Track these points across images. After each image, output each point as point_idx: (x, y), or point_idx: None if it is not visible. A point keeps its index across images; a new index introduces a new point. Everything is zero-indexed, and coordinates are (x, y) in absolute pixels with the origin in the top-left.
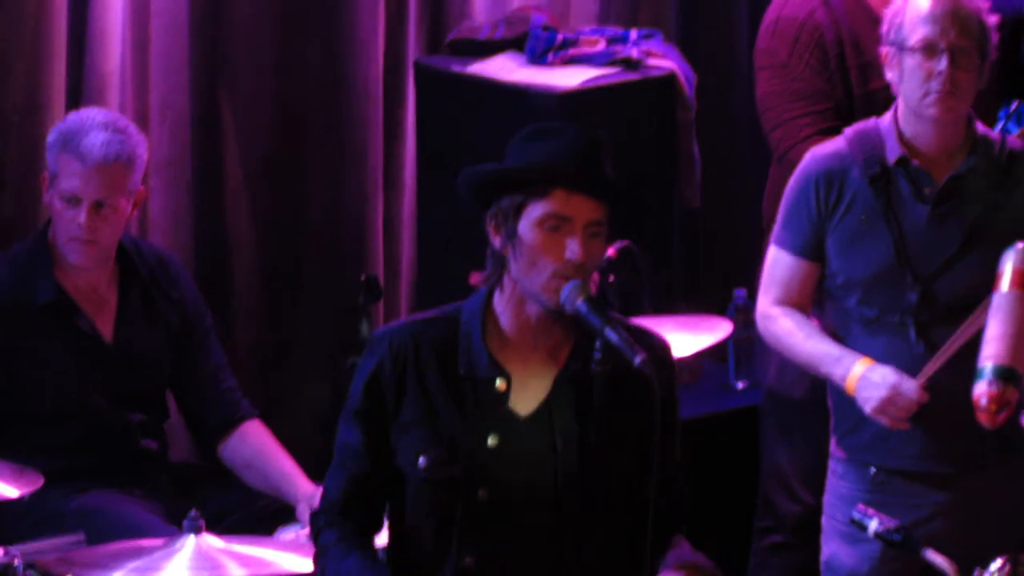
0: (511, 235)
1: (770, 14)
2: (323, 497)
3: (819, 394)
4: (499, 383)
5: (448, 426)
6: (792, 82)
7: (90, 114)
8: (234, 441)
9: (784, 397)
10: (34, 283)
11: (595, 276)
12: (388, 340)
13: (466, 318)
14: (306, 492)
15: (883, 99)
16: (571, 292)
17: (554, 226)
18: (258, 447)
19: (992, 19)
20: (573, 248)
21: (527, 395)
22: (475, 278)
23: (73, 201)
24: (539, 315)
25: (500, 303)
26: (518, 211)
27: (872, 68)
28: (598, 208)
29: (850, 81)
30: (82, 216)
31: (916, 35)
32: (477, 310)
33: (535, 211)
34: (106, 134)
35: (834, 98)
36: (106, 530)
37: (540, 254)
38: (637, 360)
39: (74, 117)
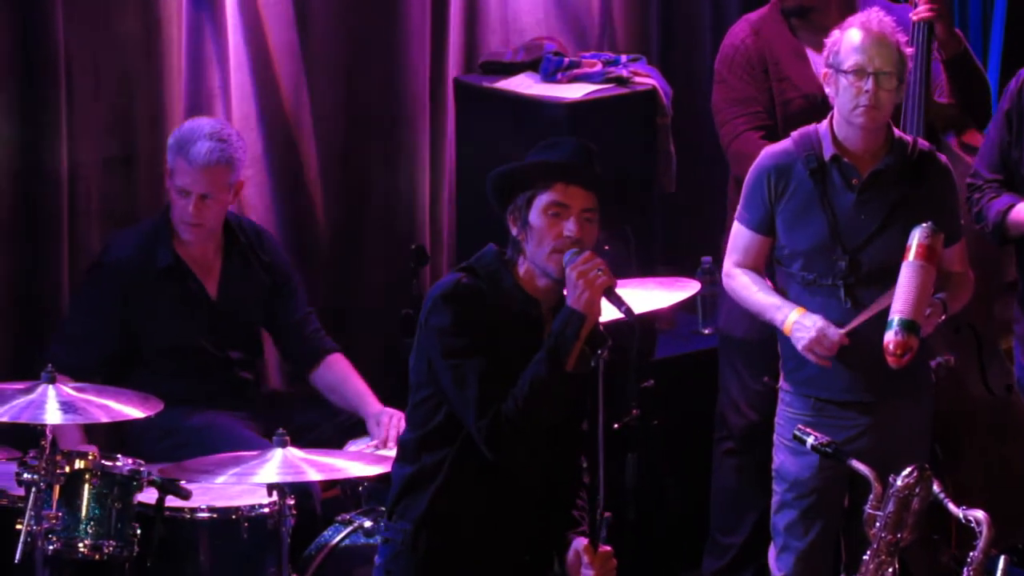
0: (525, 223)
1: (721, 43)
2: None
3: (756, 335)
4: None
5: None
6: (730, 91)
7: (200, 123)
8: (321, 370)
9: (730, 336)
10: (156, 251)
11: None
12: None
13: (484, 272)
14: (375, 411)
15: (797, 107)
16: (570, 254)
17: (556, 212)
18: (340, 375)
19: (909, 51)
20: (570, 227)
21: None
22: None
23: (184, 193)
24: (547, 286)
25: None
26: (529, 203)
27: (788, 83)
28: (590, 198)
29: (772, 91)
30: (190, 206)
31: (849, 61)
32: (497, 268)
33: (541, 201)
34: (211, 143)
35: (762, 103)
36: (213, 442)
37: (545, 234)
38: (622, 310)
39: (188, 125)
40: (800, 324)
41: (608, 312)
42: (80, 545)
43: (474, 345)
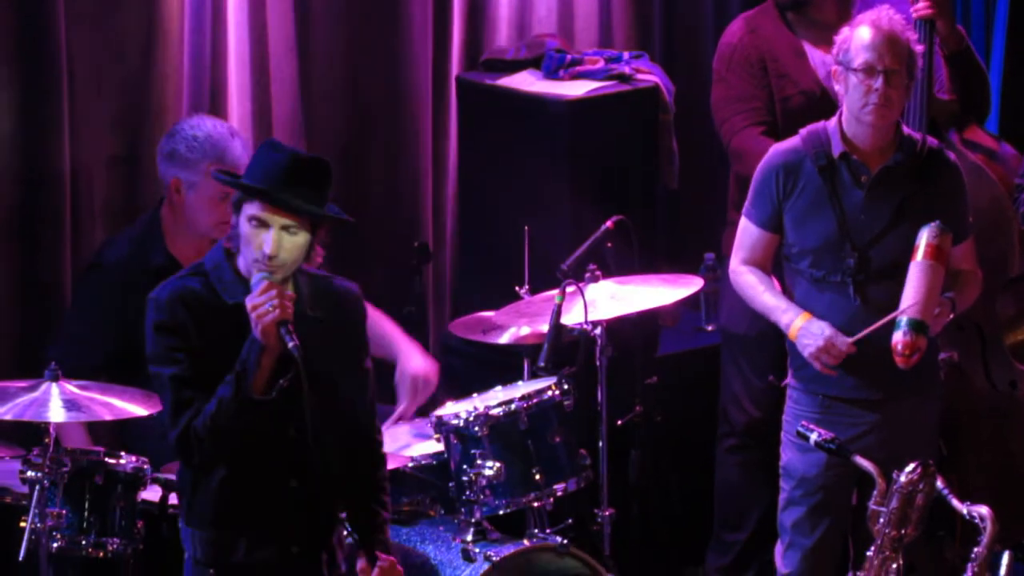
0: (238, 221)
1: (719, 41)
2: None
3: (758, 331)
4: None
5: None
6: (729, 89)
7: (213, 126)
8: None
9: (732, 333)
10: (149, 251)
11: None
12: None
13: (209, 267)
14: (411, 369)
15: (796, 103)
16: (257, 279)
17: (257, 224)
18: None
19: (919, 48)
20: (267, 245)
21: None
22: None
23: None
24: None
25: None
26: (238, 207)
27: (787, 80)
28: (291, 216)
29: (771, 88)
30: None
31: (859, 59)
32: (220, 260)
33: (246, 210)
34: (239, 139)
35: (762, 99)
36: None
37: (248, 242)
38: (290, 346)
39: (211, 131)
40: (807, 331)
41: (611, 310)
42: (84, 543)
43: (174, 350)
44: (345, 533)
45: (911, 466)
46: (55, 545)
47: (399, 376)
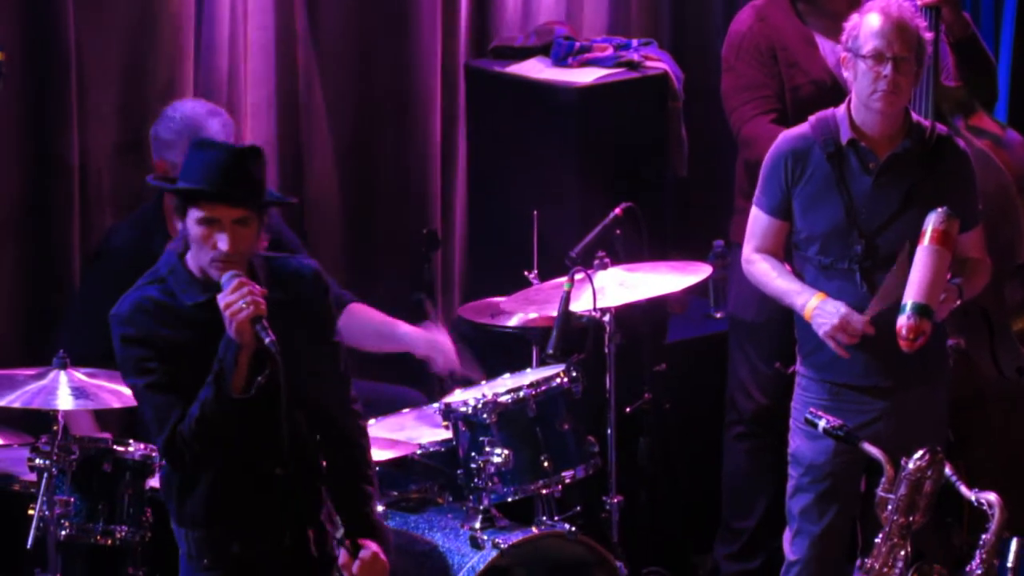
0: (183, 225)
1: (728, 29)
2: None
3: (765, 318)
4: None
5: None
6: (739, 78)
7: (192, 107)
8: (345, 317)
9: (739, 320)
10: (152, 237)
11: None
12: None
13: (165, 272)
14: (422, 338)
15: (806, 93)
16: (227, 278)
17: (207, 225)
18: (365, 317)
19: (928, 36)
20: (221, 243)
21: None
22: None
23: None
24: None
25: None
26: (183, 211)
27: (797, 69)
28: (239, 208)
29: (781, 77)
30: None
31: (868, 46)
32: (174, 263)
33: (192, 214)
34: (223, 117)
35: (772, 88)
36: None
37: (201, 244)
38: (267, 342)
39: (188, 113)
40: (822, 310)
41: (620, 297)
42: (92, 530)
43: (144, 360)
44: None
45: (919, 453)
46: (63, 533)
47: (417, 349)
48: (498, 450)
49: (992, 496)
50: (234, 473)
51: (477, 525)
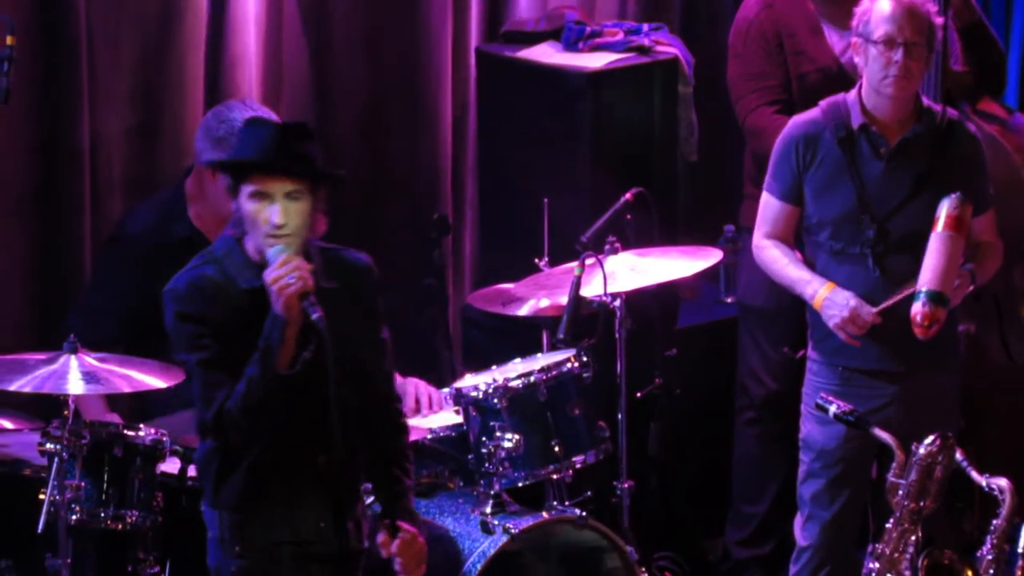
0: (239, 206)
1: (736, 16)
2: None
3: (775, 303)
4: None
5: None
6: (745, 66)
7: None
8: None
9: (749, 305)
10: (172, 222)
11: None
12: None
13: (221, 254)
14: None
15: (813, 81)
16: (274, 252)
17: (259, 199)
18: None
19: (939, 20)
20: (273, 216)
21: None
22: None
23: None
24: None
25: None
26: (236, 189)
27: (804, 57)
28: (292, 180)
29: (787, 65)
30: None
31: (879, 31)
32: (231, 246)
33: (245, 189)
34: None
35: (778, 77)
36: None
37: (254, 220)
38: (314, 317)
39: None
40: (832, 301)
41: (630, 282)
42: (103, 515)
43: (199, 337)
44: (368, 502)
45: (930, 438)
46: (74, 517)
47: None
48: (509, 435)
49: (1003, 481)
50: (275, 459)
51: (488, 510)
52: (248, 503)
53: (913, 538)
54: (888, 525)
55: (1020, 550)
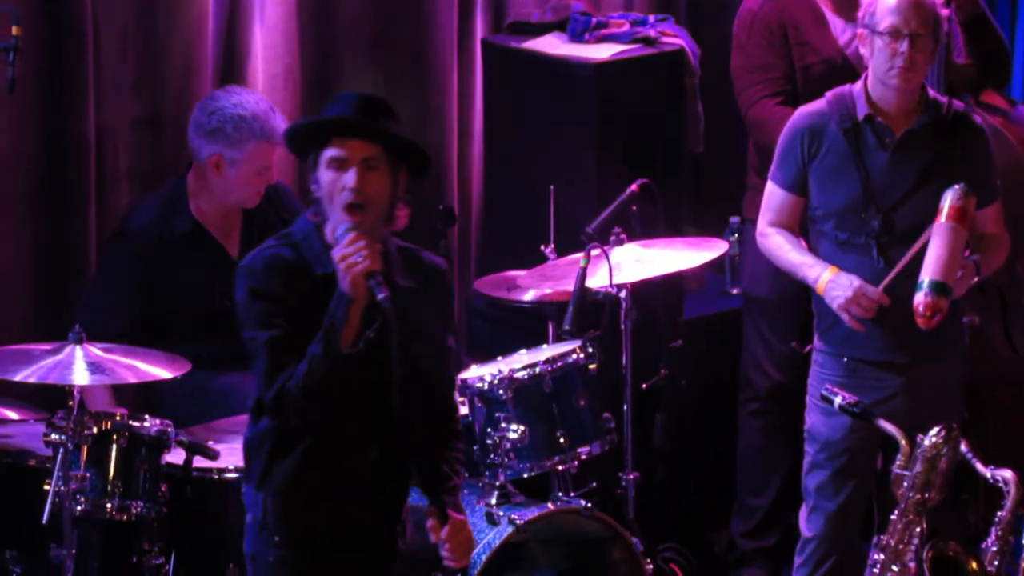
0: (317, 181)
1: (740, 7)
2: None
3: (779, 295)
4: None
5: None
6: (749, 57)
7: (251, 100)
8: None
9: (754, 297)
10: (175, 216)
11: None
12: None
13: (298, 237)
14: None
15: (817, 72)
16: (342, 230)
17: (337, 166)
18: None
19: (944, 12)
20: (349, 178)
21: None
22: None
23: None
24: None
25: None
26: (316, 161)
27: (808, 48)
28: (371, 147)
29: (792, 56)
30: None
31: (885, 22)
32: (309, 230)
33: (324, 156)
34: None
35: (781, 69)
36: (240, 403)
37: (331, 188)
38: (380, 297)
39: (249, 108)
40: (835, 283)
41: (636, 273)
42: (108, 506)
43: (270, 315)
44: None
45: (935, 430)
46: (79, 508)
47: None
48: (514, 426)
49: (1008, 473)
50: (330, 448)
51: (493, 501)
52: (296, 489)
53: (918, 529)
54: (893, 516)
55: None
